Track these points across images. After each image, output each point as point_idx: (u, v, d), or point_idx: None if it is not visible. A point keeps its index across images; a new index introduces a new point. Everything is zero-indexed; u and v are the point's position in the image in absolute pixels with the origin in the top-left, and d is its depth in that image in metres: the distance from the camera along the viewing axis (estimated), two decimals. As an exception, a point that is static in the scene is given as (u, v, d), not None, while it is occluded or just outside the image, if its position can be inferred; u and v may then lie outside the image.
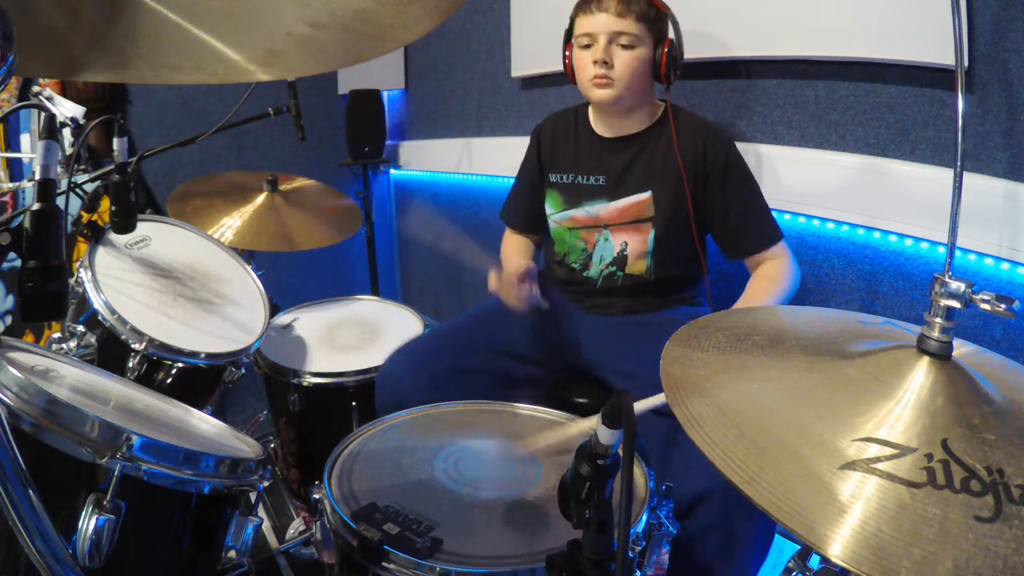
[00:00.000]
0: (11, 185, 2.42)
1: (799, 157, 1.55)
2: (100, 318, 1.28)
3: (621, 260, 1.45)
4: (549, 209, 1.54)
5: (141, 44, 0.71)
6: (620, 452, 0.66)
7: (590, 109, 1.53)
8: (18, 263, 0.67)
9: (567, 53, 1.46)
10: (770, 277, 1.38)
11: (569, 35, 1.45)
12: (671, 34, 1.40)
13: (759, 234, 1.40)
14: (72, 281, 1.32)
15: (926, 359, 0.64)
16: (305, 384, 1.62)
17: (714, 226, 1.43)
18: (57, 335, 1.28)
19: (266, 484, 1.03)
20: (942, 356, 0.64)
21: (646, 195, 1.42)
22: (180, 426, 1.09)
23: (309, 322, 1.86)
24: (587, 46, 1.37)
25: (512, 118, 2.48)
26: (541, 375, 1.43)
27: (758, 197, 1.41)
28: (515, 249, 1.64)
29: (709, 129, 1.42)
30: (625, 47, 1.34)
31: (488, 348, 1.42)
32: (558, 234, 1.53)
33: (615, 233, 1.45)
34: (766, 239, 1.40)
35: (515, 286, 1.32)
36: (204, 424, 1.16)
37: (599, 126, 1.50)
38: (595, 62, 1.35)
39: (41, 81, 2.21)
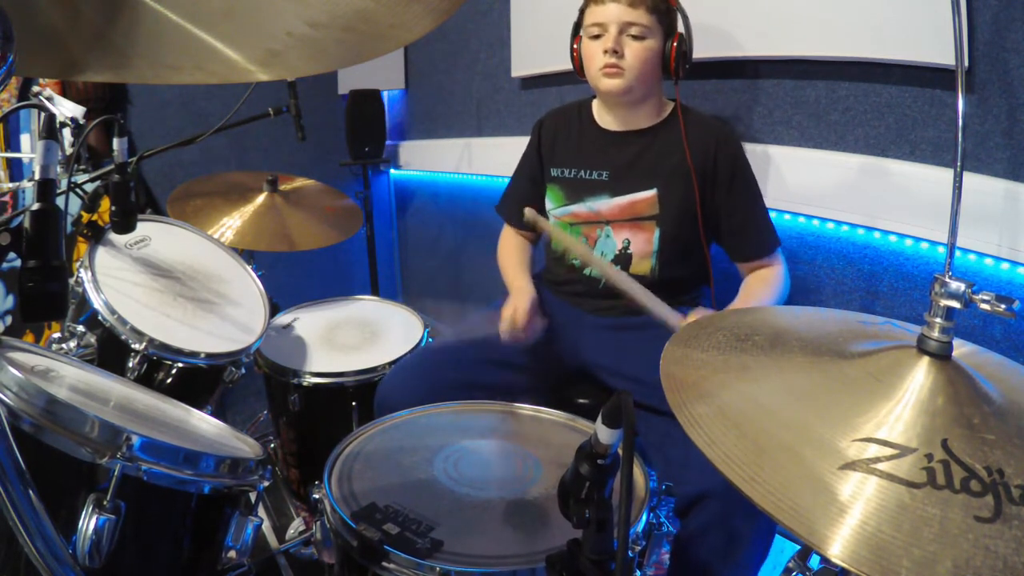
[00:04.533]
0: (11, 185, 2.41)
1: (799, 157, 1.55)
2: (100, 318, 1.28)
3: (625, 259, 1.43)
4: (549, 204, 1.52)
5: (141, 44, 0.70)
6: (620, 451, 0.66)
7: (594, 103, 1.52)
8: (18, 263, 0.67)
9: (575, 46, 1.46)
10: (766, 280, 1.39)
11: (578, 27, 1.45)
12: (680, 28, 1.39)
13: (759, 241, 1.40)
14: (72, 281, 1.32)
15: (926, 359, 0.64)
16: (305, 384, 1.62)
17: (718, 228, 1.42)
18: (57, 335, 1.28)
19: (266, 484, 1.03)
20: (942, 356, 0.64)
21: (651, 192, 1.40)
22: (180, 426, 1.09)
23: (309, 322, 1.86)
24: (597, 36, 1.36)
25: (512, 118, 2.48)
26: (542, 385, 1.42)
27: (760, 203, 1.41)
28: (514, 256, 1.61)
29: (720, 130, 1.42)
30: (636, 38, 1.34)
31: (488, 361, 1.41)
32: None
33: (616, 230, 1.44)
34: (765, 246, 1.40)
35: (526, 320, 1.34)
36: (204, 424, 1.16)
37: (604, 120, 1.48)
38: (605, 51, 1.34)
39: (41, 81, 2.20)
